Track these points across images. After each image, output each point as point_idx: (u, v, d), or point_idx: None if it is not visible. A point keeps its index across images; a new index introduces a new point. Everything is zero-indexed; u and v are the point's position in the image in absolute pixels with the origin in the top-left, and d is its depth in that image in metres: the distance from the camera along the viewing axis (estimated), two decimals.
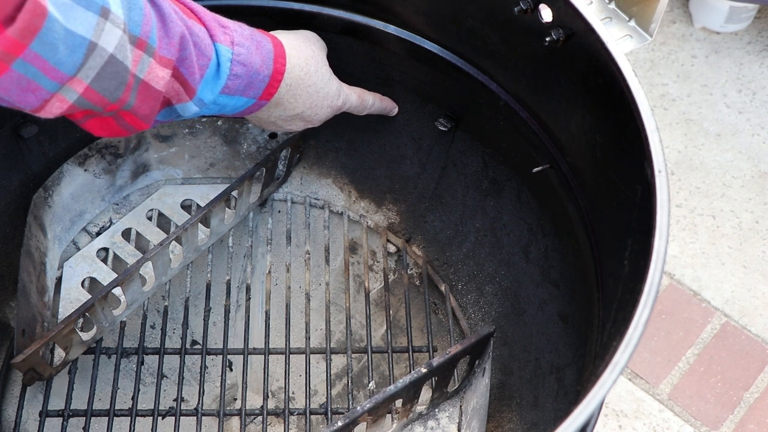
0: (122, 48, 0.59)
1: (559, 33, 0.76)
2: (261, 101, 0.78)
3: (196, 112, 0.72)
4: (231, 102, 0.74)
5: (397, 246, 1.09)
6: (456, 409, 0.92)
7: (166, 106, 0.70)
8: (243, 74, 0.73)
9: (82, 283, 0.98)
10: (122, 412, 0.90)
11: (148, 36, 0.61)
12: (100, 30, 0.56)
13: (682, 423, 1.33)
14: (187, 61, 0.67)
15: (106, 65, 0.58)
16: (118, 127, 0.68)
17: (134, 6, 0.60)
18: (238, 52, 0.72)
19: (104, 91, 0.60)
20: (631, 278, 0.68)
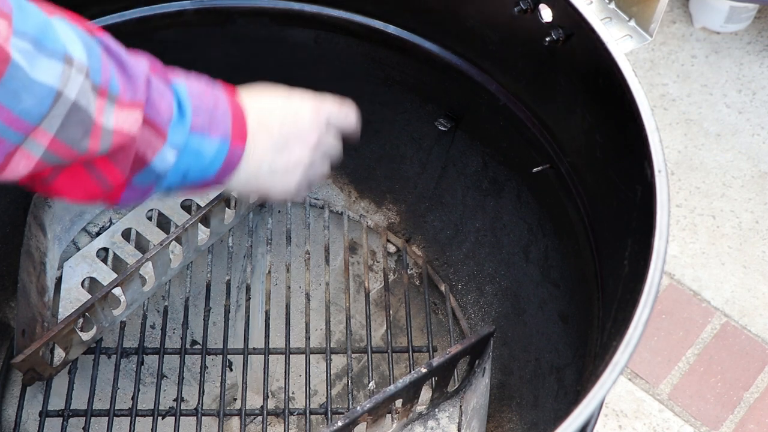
0: (84, 94, 0.56)
1: (559, 33, 0.76)
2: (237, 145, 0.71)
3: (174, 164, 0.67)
4: (205, 145, 0.68)
5: (397, 246, 1.09)
6: (456, 409, 0.92)
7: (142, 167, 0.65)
8: (203, 108, 0.68)
9: (82, 283, 0.98)
10: (122, 412, 0.90)
11: (108, 84, 0.58)
12: (66, 78, 0.54)
13: (682, 423, 1.33)
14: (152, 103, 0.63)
15: (69, 113, 0.56)
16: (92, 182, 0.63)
17: (93, 54, 0.57)
18: (191, 87, 0.68)
19: (71, 142, 0.57)
20: (631, 278, 0.68)
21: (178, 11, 0.94)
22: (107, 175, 0.63)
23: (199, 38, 0.98)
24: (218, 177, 0.71)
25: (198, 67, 1.03)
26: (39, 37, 0.53)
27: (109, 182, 0.63)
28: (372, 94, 1.02)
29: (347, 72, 1.00)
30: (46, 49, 0.53)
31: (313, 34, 0.97)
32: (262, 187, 0.76)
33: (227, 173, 0.72)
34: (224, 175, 0.72)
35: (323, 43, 0.98)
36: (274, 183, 0.76)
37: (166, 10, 0.94)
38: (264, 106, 0.76)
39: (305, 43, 0.98)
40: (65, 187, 0.62)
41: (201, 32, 0.97)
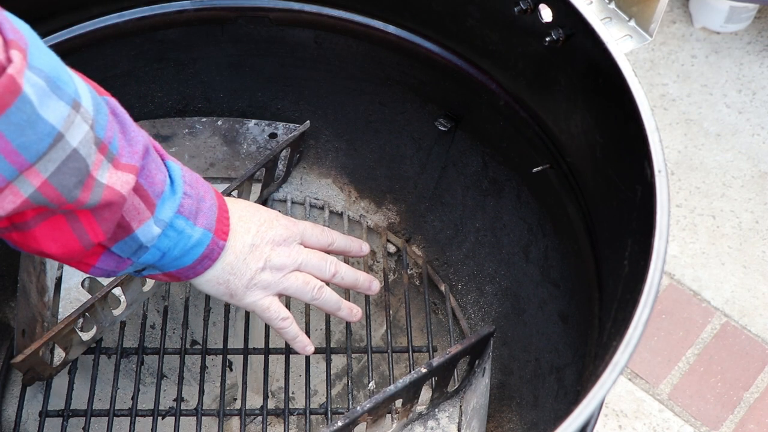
0: (86, 145, 0.56)
1: (559, 33, 0.76)
2: (219, 239, 0.72)
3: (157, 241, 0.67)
4: (188, 230, 0.68)
5: (397, 246, 1.09)
6: (456, 409, 0.92)
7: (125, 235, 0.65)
8: (193, 195, 0.69)
9: (82, 283, 0.98)
10: (122, 412, 0.90)
11: (110, 142, 0.58)
12: (70, 122, 0.54)
13: (682, 423, 1.33)
14: (148, 173, 0.64)
15: (67, 159, 0.55)
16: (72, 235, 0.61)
17: (100, 110, 0.57)
18: (185, 172, 0.69)
19: (62, 188, 0.56)
20: (631, 278, 0.68)
21: (178, 11, 0.94)
22: (89, 231, 0.62)
23: (199, 38, 0.98)
24: (195, 266, 0.72)
25: (198, 67, 1.03)
26: (52, 76, 0.52)
27: (90, 239, 0.62)
28: (372, 94, 1.02)
29: (347, 72, 1.00)
30: (57, 89, 0.53)
31: (313, 34, 0.97)
32: (231, 287, 0.76)
33: (205, 265, 0.72)
34: (201, 266, 0.72)
35: (323, 43, 0.98)
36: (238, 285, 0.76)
37: (166, 10, 0.94)
38: (247, 208, 0.77)
39: (305, 43, 0.98)
40: (43, 237, 0.61)
41: (201, 32, 0.97)
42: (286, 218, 0.81)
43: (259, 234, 0.77)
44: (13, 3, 0.65)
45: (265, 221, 0.78)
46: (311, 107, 1.06)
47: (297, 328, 0.84)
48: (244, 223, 0.76)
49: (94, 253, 0.65)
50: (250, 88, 1.05)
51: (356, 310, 0.87)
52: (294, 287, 0.80)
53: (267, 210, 0.80)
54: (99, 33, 0.92)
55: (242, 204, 0.78)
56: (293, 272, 0.80)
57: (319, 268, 0.82)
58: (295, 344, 0.85)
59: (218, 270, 0.74)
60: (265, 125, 1.06)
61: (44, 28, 0.89)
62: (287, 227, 0.80)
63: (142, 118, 1.04)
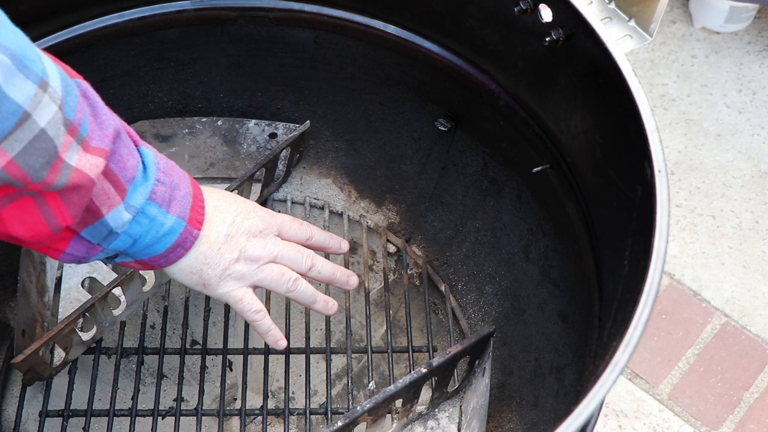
0: (55, 126, 0.55)
1: (559, 33, 0.76)
2: (193, 227, 0.71)
3: (127, 227, 0.66)
4: (160, 217, 0.67)
5: (397, 246, 1.09)
6: (456, 409, 0.92)
7: (95, 219, 0.64)
8: (166, 182, 0.68)
9: (82, 283, 0.98)
10: (122, 412, 0.90)
11: (80, 124, 0.57)
12: (37, 102, 0.53)
13: (682, 423, 1.33)
14: (118, 157, 0.62)
15: (34, 140, 0.54)
16: (39, 216, 0.60)
17: (70, 92, 0.57)
18: (158, 159, 0.68)
19: (28, 168, 0.55)
20: (631, 278, 0.68)
21: (178, 11, 0.94)
22: (57, 215, 0.61)
23: (199, 38, 0.98)
24: (167, 254, 0.71)
25: (198, 67, 1.03)
26: (19, 54, 0.51)
27: (57, 222, 0.61)
28: (372, 94, 1.02)
29: (347, 72, 1.00)
30: (24, 68, 0.52)
31: (313, 34, 0.97)
32: (204, 277, 0.75)
33: (178, 254, 0.71)
34: (174, 255, 0.71)
35: (323, 43, 0.98)
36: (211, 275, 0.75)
37: (166, 10, 0.94)
38: (223, 199, 0.76)
39: (305, 43, 0.98)
40: (11, 220, 0.60)
41: (201, 32, 0.97)
42: (264, 210, 0.80)
43: (234, 224, 0.75)
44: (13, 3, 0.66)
45: (241, 212, 0.77)
46: (311, 107, 1.06)
47: (269, 322, 0.82)
48: (220, 212, 0.75)
49: (63, 238, 0.64)
50: (250, 88, 1.05)
51: (332, 303, 0.85)
52: (269, 279, 0.79)
53: (244, 201, 0.79)
54: (99, 33, 0.92)
55: (219, 194, 0.77)
56: (268, 264, 0.78)
57: (296, 261, 0.81)
58: (268, 338, 0.83)
59: (191, 259, 0.73)
60: (265, 125, 1.06)
61: (44, 28, 0.89)
62: (264, 218, 0.79)
63: (142, 118, 1.04)
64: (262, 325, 0.81)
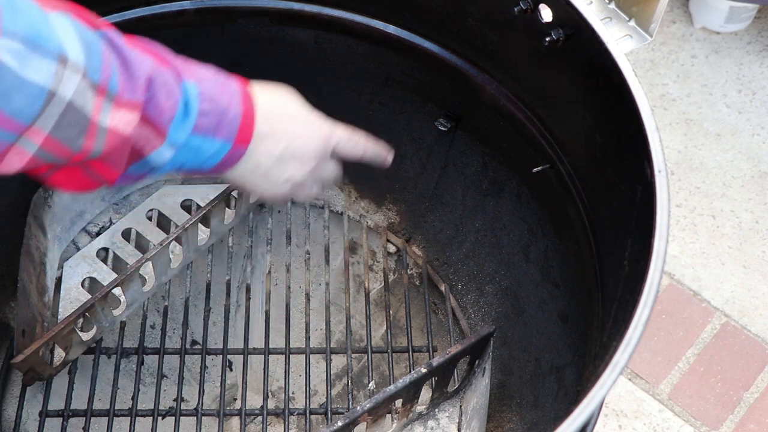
0: (81, 95, 0.56)
1: (559, 33, 0.76)
2: (239, 147, 0.72)
3: (171, 159, 0.67)
4: (205, 145, 0.69)
5: (397, 246, 1.09)
6: (456, 409, 0.92)
7: (138, 159, 0.65)
8: (211, 111, 0.68)
9: (82, 283, 0.98)
10: (122, 412, 0.90)
11: (108, 82, 0.58)
12: (59, 78, 0.54)
13: (682, 423, 1.33)
14: (155, 102, 0.63)
15: (64, 113, 0.55)
16: (87, 178, 0.64)
17: (93, 52, 0.57)
18: (204, 88, 0.68)
19: (65, 141, 0.57)
20: (631, 278, 0.68)
21: (178, 11, 0.94)
22: (102, 173, 0.64)
23: (199, 38, 0.98)
24: (214, 170, 0.73)
25: None
26: (31, 36, 0.52)
27: (105, 178, 0.64)
28: (372, 94, 1.02)
29: (347, 72, 1.00)
30: (39, 47, 0.52)
31: (313, 34, 0.97)
32: (251, 184, 0.77)
33: (224, 169, 0.73)
34: (220, 170, 0.73)
35: (323, 43, 0.98)
36: (263, 186, 0.77)
37: (166, 10, 0.94)
38: (280, 116, 0.76)
39: (305, 43, 0.98)
40: (61, 182, 0.64)
41: (201, 32, 0.97)
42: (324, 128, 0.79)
43: (288, 150, 0.76)
44: None
45: (298, 135, 0.76)
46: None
47: (333, 169, 0.83)
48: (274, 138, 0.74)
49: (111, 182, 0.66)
50: None
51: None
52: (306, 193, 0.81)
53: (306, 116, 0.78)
54: None
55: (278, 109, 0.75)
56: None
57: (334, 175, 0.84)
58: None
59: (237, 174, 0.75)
60: None
61: None
62: (322, 140, 0.79)
63: None
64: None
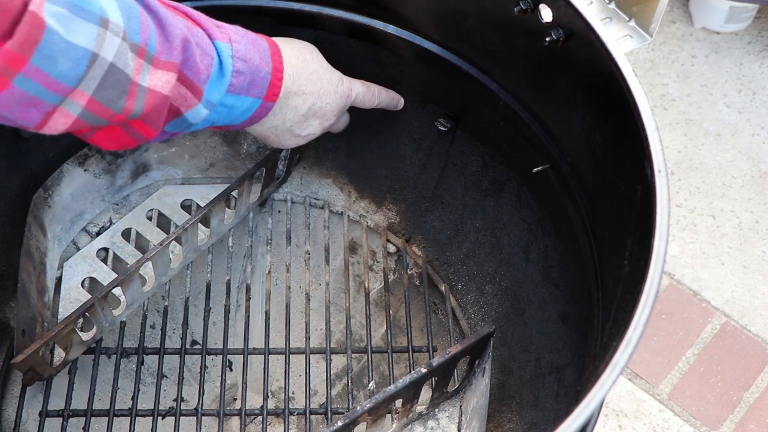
0: (122, 56, 0.58)
1: (559, 33, 0.76)
2: (267, 102, 0.76)
3: (206, 117, 0.71)
4: (238, 103, 0.73)
5: (397, 246, 1.09)
6: (456, 409, 0.92)
7: (175, 117, 0.68)
8: (245, 71, 0.72)
9: (82, 283, 0.98)
10: (122, 412, 0.90)
11: (147, 43, 0.60)
12: (101, 41, 0.56)
13: (682, 423, 1.33)
14: (191, 63, 0.66)
15: (107, 74, 0.58)
16: (127, 137, 0.67)
17: (132, 14, 0.59)
18: (237, 48, 0.71)
19: (107, 102, 0.59)
20: (631, 278, 0.68)
21: None
22: (142, 132, 0.67)
23: None
24: (244, 124, 0.78)
25: None
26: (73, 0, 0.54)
27: (144, 137, 0.68)
28: None
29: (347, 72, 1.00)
30: (81, 11, 0.54)
31: (313, 34, 0.97)
32: (273, 137, 0.83)
33: (253, 122, 0.78)
34: (250, 123, 0.78)
35: (323, 43, 0.98)
36: (284, 138, 0.84)
37: None
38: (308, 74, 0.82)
39: None
40: (102, 141, 0.67)
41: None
42: (343, 87, 0.86)
43: (313, 108, 0.82)
44: None
45: (323, 94, 0.83)
46: None
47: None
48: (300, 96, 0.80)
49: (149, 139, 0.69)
50: None
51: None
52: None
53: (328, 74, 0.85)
54: None
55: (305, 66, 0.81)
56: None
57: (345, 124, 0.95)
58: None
59: (264, 128, 0.81)
60: None
61: None
62: (342, 97, 0.86)
63: None
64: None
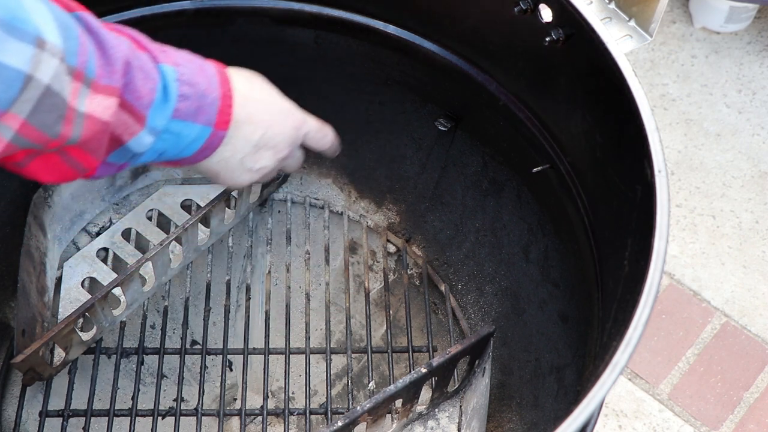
0: (59, 79, 0.55)
1: (559, 33, 0.76)
2: (218, 131, 0.71)
3: (151, 146, 0.66)
4: (186, 130, 0.68)
5: (397, 246, 1.09)
6: (456, 409, 0.92)
7: (118, 146, 0.64)
8: (191, 95, 0.67)
9: (82, 283, 0.98)
10: (122, 412, 0.90)
11: (85, 66, 0.57)
12: (36, 62, 0.52)
13: (682, 423, 1.33)
14: (132, 87, 0.62)
15: (42, 98, 0.54)
16: (66, 166, 0.62)
17: (70, 35, 0.56)
18: (182, 72, 0.67)
19: (42, 126, 0.56)
20: (631, 278, 0.68)
21: (178, 11, 0.94)
22: (81, 161, 0.63)
23: (199, 38, 0.98)
24: (194, 157, 0.72)
25: None
26: (7, 19, 0.51)
27: (84, 167, 0.63)
28: (372, 94, 1.02)
29: (347, 72, 1.00)
30: (15, 30, 0.51)
31: (313, 34, 0.97)
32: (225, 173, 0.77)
33: (205, 155, 0.73)
34: (201, 156, 0.73)
35: (323, 43, 0.98)
36: (236, 174, 0.78)
37: (166, 10, 0.94)
38: (257, 102, 0.76)
39: (305, 43, 0.98)
40: (39, 171, 0.62)
41: (201, 32, 0.97)
42: (295, 117, 0.81)
43: (264, 137, 0.77)
44: None
45: (274, 123, 0.78)
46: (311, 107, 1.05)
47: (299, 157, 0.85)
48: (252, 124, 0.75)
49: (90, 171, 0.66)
50: None
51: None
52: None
53: (280, 103, 0.79)
54: None
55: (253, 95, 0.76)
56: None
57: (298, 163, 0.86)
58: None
59: (212, 163, 0.75)
60: None
61: None
62: (294, 128, 0.81)
63: None
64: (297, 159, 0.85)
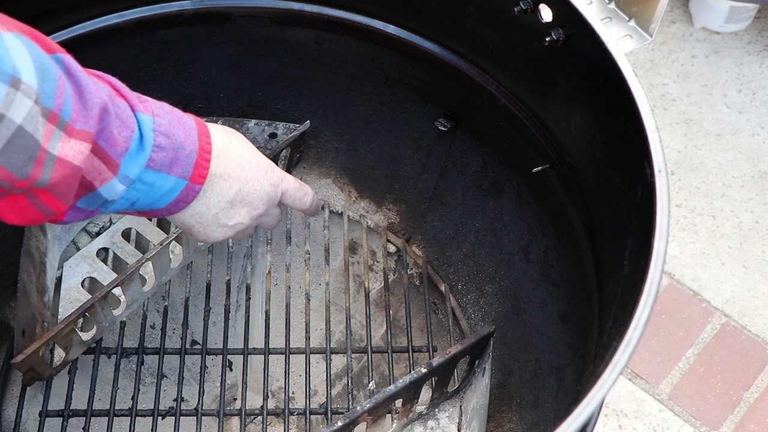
0: (32, 120, 0.54)
1: (559, 33, 0.76)
2: (194, 184, 0.70)
3: (123, 195, 0.66)
4: (159, 181, 0.67)
5: (397, 246, 1.09)
6: (456, 409, 0.92)
7: (88, 191, 0.64)
8: (167, 146, 0.67)
9: (82, 283, 0.98)
10: (122, 412, 0.90)
11: (61, 109, 0.56)
12: (9, 101, 0.52)
13: (682, 423, 1.33)
14: (107, 133, 0.61)
15: (13, 137, 0.53)
16: (33, 209, 0.61)
17: (47, 77, 0.55)
18: (159, 122, 0.66)
19: (11, 167, 0.54)
20: (631, 278, 0.68)
21: (178, 11, 0.94)
22: (50, 206, 0.61)
23: (199, 38, 0.98)
24: (168, 209, 0.71)
25: (198, 67, 1.03)
26: None
27: (51, 210, 0.62)
28: (372, 94, 1.02)
29: (347, 72, 1.00)
30: None
31: (313, 34, 0.97)
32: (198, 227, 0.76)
33: (179, 207, 0.72)
34: (175, 209, 0.72)
35: (323, 43, 0.98)
36: (209, 230, 0.77)
37: (166, 10, 0.94)
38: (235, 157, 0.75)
39: (305, 43, 0.98)
40: (4, 212, 0.61)
41: (201, 32, 0.97)
42: (274, 175, 0.79)
43: (240, 193, 0.75)
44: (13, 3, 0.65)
45: (251, 179, 0.76)
46: (311, 107, 1.06)
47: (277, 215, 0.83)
48: (227, 179, 0.74)
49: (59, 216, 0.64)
50: (250, 88, 1.05)
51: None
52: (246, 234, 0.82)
53: (258, 160, 0.78)
54: (99, 33, 0.92)
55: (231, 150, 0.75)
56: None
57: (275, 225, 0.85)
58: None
59: (187, 216, 0.74)
60: (265, 125, 1.06)
61: (44, 27, 0.89)
62: (272, 186, 0.79)
63: None
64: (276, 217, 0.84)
